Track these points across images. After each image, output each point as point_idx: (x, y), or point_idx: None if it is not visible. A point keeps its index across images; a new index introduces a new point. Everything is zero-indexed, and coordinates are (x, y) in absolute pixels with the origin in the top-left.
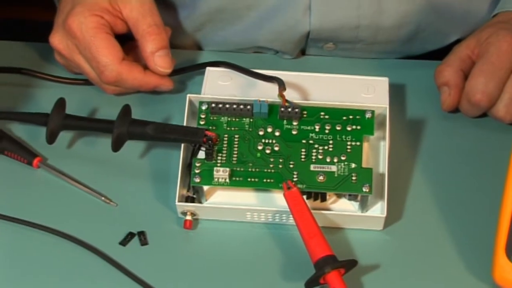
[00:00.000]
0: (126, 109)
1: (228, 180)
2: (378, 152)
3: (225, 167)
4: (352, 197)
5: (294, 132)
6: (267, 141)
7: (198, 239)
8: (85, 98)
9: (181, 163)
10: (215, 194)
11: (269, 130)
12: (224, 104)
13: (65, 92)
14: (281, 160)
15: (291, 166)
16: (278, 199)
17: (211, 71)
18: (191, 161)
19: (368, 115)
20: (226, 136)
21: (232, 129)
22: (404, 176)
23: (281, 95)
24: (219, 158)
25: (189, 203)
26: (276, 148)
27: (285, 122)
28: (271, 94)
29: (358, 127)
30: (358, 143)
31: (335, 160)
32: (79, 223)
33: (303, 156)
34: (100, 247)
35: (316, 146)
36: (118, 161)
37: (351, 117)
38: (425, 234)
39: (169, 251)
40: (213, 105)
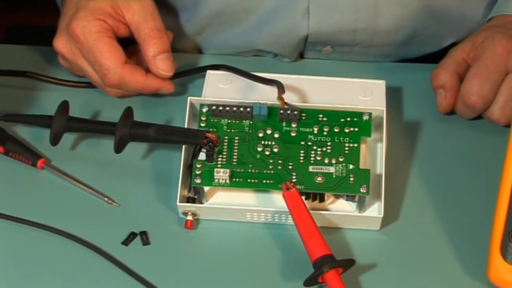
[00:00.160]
0: (129, 112)
1: (228, 181)
2: (375, 154)
3: (226, 168)
4: (350, 198)
5: (293, 134)
6: (267, 143)
7: (199, 239)
8: (88, 101)
9: (182, 164)
10: (216, 195)
11: (269, 132)
12: (225, 107)
13: (69, 95)
14: (280, 162)
15: (290, 167)
16: (277, 200)
17: (212, 74)
18: (192, 163)
19: (366, 117)
20: (227, 138)
21: (232, 131)
22: (401, 177)
23: (280, 98)
24: (220, 160)
25: (190, 204)
26: (276, 150)
27: (284, 124)
28: (271, 97)
29: (356, 129)
30: (356, 145)
31: (333, 162)
32: (82, 223)
33: (302, 158)
34: (103, 247)
35: (315, 148)
36: (121, 163)
37: (349, 119)
38: (421, 234)
39: (171, 251)
40: (214, 108)
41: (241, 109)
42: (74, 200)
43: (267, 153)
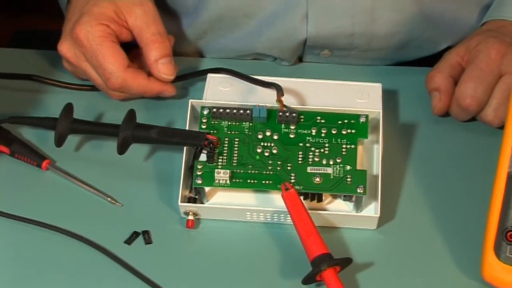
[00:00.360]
0: (131, 114)
1: (229, 182)
2: (372, 155)
3: (226, 169)
4: (347, 198)
5: (292, 136)
6: (266, 144)
7: (200, 238)
8: (92, 103)
9: (184, 165)
10: (216, 195)
11: (268, 134)
12: (225, 109)
13: (73, 98)
14: (279, 163)
15: (289, 168)
16: (277, 200)
17: (212, 78)
18: (193, 164)
19: (362, 120)
20: (227, 140)
21: (233, 133)
22: (397, 178)
23: (279, 100)
24: (220, 161)
25: (191, 204)
26: (275, 151)
27: (283, 126)
28: (270, 100)
29: (353, 131)
30: (353, 146)
31: (331, 163)
32: (86, 223)
33: (300, 159)
34: (106, 246)
35: (313, 149)
36: (124, 164)
37: (346, 121)
38: (417, 234)
39: (172, 249)
40: (214, 110)
41: (241, 112)
42: (78, 200)
43: (267, 154)
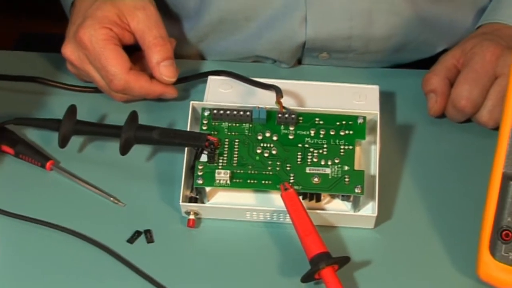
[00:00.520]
0: (133, 115)
1: (229, 182)
2: (370, 156)
3: (226, 170)
4: (345, 198)
5: (291, 137)
6: (266, 145)
7: (201, 237)
8: (95, 105)
9: (185, 166)
10: (217, 195)
11: (267, 135)
12: (225, 111)
13: (76, 99)
14: (279, 163)
15: (288, 169)
16: (276, 200)
17: (213, 80)
18: (194, 164)
19: (360, 121)
20: (227, 141)
21: (233, 134)
22: (394, 178)
23: (279, 102)
24: (221, 161)
25: (192, 203)
26: (274, 152)
27: (282, 127)
28: (269, 101)
29: (351, 132)
30: (351, 147)
31: (329, 163)
32: (89, 222)
33: (299, 159)
34: (109, 245)
35: (312, 150)
36: (126, 164)
37: (344, 123)
38: (414, 233)
39: (174, 248)
40: (215, 112)
41: (241, 113)
42: (81, 200)
43: (266, 155)
